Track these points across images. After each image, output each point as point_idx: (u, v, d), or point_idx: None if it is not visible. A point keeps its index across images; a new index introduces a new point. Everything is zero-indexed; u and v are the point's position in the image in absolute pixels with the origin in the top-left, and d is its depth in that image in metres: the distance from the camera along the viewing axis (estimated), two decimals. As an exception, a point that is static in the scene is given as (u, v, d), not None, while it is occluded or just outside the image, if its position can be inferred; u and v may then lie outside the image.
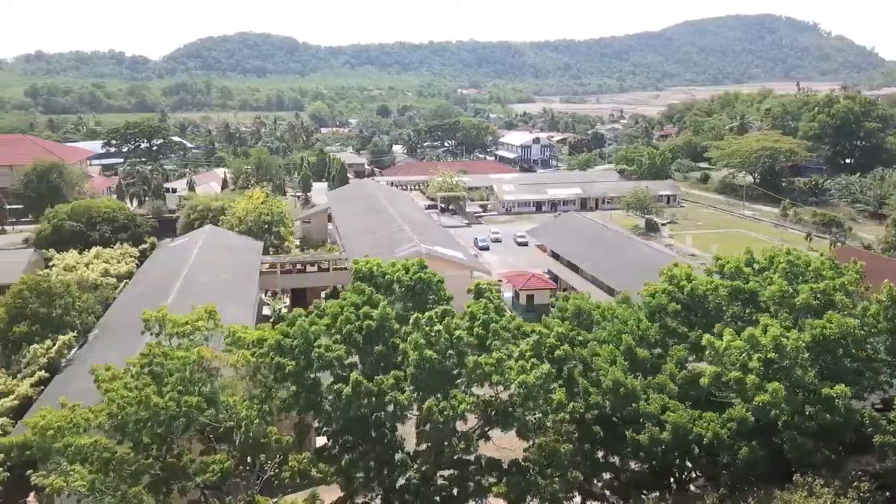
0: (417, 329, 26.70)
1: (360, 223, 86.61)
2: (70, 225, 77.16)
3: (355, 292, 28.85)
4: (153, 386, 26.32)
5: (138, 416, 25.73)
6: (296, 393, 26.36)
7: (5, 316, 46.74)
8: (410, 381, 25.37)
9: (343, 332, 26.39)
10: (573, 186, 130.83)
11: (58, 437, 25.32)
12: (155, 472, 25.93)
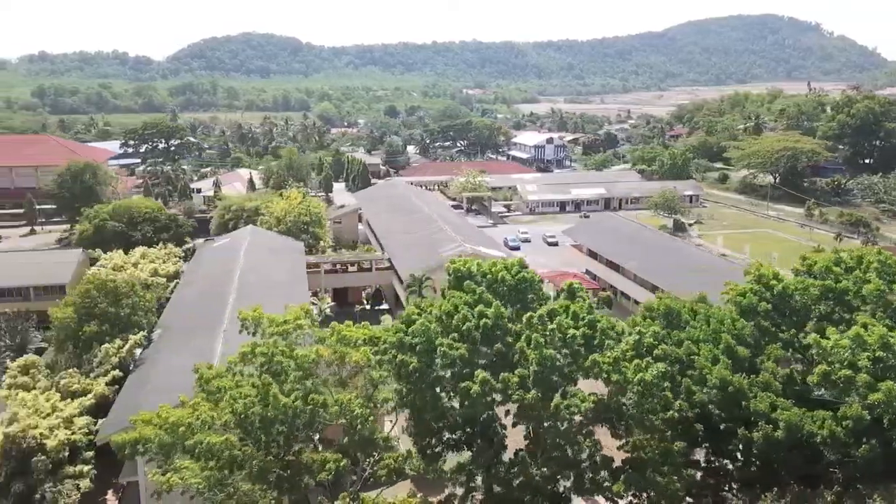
0: (530, 328, 27.03)
1: (396, 223, 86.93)
2: (112, 225, 77.50)
3: (466, 291, 29.14)
4: (275, 385, 26.57)
5: (264, 415, 26.02)
6: (411, 390, 26.66)
7: (75, 315, 47.07)
8: (533, 379, 25.70)
9: (461, 330, 26.71)
10: (597, 186, 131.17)
11: (188, 434, 25.60)
12: (278, 471, 26.23)
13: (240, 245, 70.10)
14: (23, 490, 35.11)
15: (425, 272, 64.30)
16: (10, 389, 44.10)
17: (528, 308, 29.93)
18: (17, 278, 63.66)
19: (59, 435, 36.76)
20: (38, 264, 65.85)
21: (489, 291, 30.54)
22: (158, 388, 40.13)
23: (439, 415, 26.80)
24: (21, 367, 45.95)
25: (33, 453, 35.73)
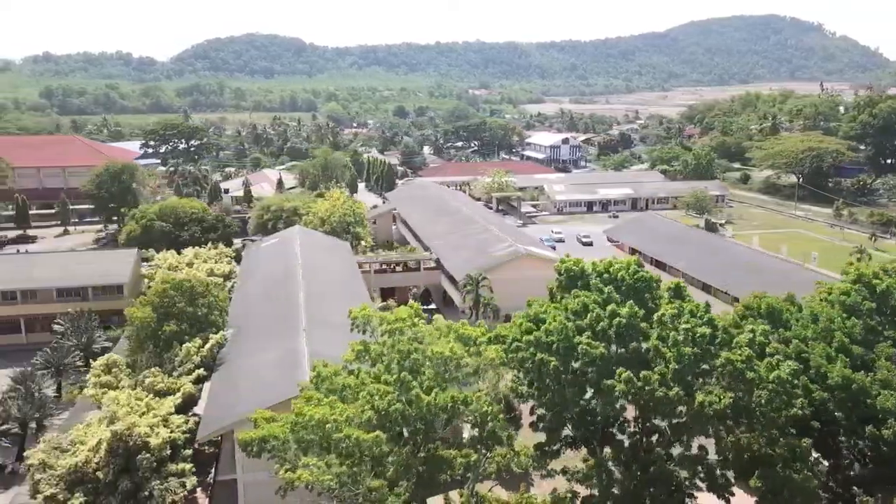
0: (662, 326, 27.39)
1: (438, 224, 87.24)
2: (160, 225, 77.83)
3: (594, 291, 29.49)
4: (414, 382, 26.93)
5: (405, 412, 26.38)
6: (548, 388, 27.02)
7: (154, 315, 47.41)
8: (672, 377, 26.07)
9: (596, 329, 27.10)
10: (623, 187, 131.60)
11: (335, 431, 25.94)
12: (420, 467, 26.59)
13: (293, 245, 70.40)
14: (129, 487, 35.45)
15: (480, 272, 64.67)
16: (97, 388, 44.52)
17: (646, 307, 30.27)
18: (77, 278, 63.96)
19: (162, 433, 37.09)
20: (96, 264, 66.17)
21: (603, 290, 30.87)
22: (253, 387, 40.44)
23: (578, 412, 27.15)
24: (104, 367, 46.31)
25: (138, 451, 36.07)
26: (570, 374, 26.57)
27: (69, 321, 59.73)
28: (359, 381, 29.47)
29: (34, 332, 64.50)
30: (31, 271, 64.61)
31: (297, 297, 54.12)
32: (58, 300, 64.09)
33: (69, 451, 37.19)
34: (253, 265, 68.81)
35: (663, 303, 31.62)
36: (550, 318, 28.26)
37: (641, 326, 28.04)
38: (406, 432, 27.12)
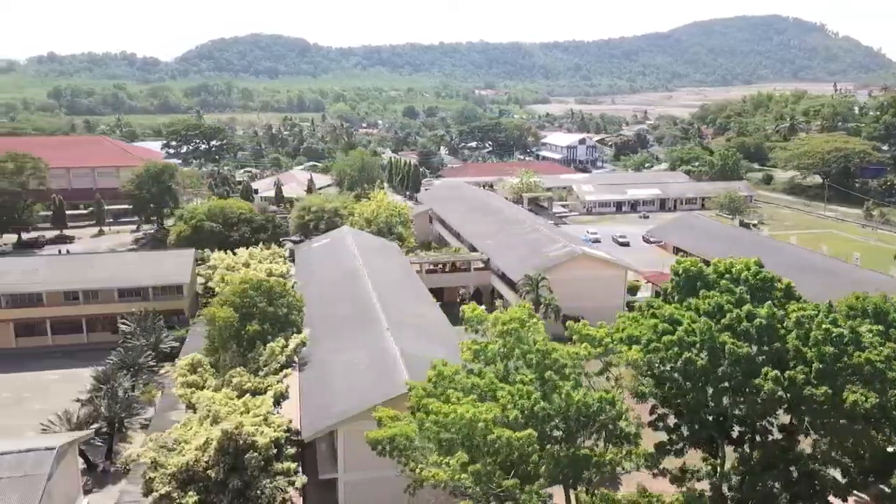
0: (799, 326, 27.68)
1: (481, 224, 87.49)
2: (209, 225, 78.07)
3: (724, 292, 29.76)
4: (561, 382, 27.20)
5: (549, 411, 26.67)
6: (691, 388, 27.30)
7: (236, 315, 47.65)
8: (815, 375, 26.37)
9: (738, 329, 27.38)
10: (652, 187, 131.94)
11: (486, 431, 26.20)
12: (565, 466, 26.88)
13: (348, 245, 70.74)
14: (239, 486, 35.68)
15: (539, 272, 64.95)
16: (186, 388, 44.79)
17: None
18: (139, 279, 64.23)
19: (267, 432, 37.31)
20: (156, 265, 66.40)
21: (725, 290, 31.15)
22: (352, 387, 40.69)
23: (719, 412, 27.45)
24: (189, 366, 46.58)
25: (246, 450, 36.29)
26: (715, 374, 26.81)
27: (135, 321, 60.08)
28: (487, 380, 29.72)
29: (95, 332, 64.80)
30: (92, 272, 64.86)
31: (369, 297, 54.43)
32: (119, 300, 64.38)
33: (175, 450, 37.44)
34: (310, 265, 69.06)
35: (792, 304, 31.68)
36: (687, 318, 28.54)
37: (778, 327, 28.29)
38: (550, 431, 27.34)
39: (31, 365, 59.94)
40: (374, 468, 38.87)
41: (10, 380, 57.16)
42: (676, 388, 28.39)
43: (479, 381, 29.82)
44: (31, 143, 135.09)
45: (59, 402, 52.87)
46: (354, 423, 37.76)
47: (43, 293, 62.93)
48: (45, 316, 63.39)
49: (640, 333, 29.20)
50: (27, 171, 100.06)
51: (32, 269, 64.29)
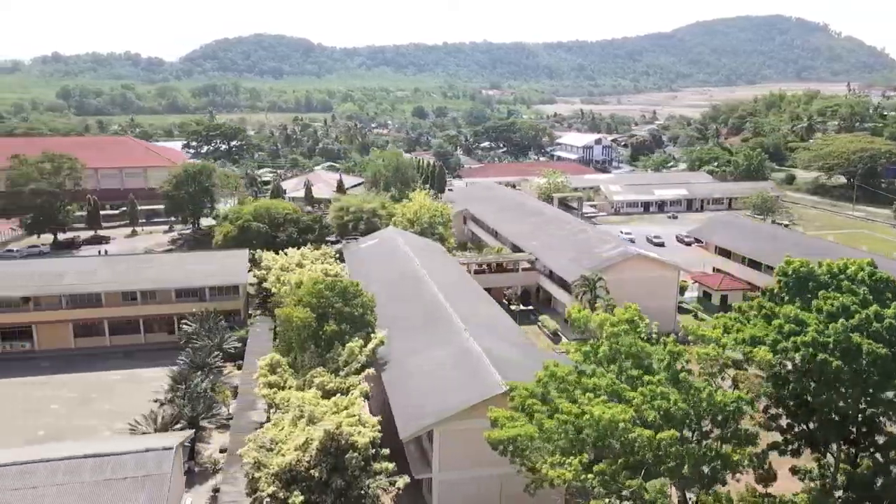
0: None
1: (522, 224, 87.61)
2: (256, 226, 78.24)
3: (847, 293, 29.93)
4: (697, 382, 27.41)
5: (686, 410, 26.86)
6: (821, 389, 27.48)
7: (314, 315, 47.84)
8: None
9: (870, 330, 27.57)
10: (678, 187, 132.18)
11: (627, 431, 26.38)
12: (703, 464, 27.10)
13: (400, 246, 71.02)
14: (341, 486, 35.86)
15: (594, 272, 65.11)
16: (268, 388, 44.97)
17: (886, 307, 30.66)
18: (197, 279, 64.40)
19: (366, 432, 37.47)
20: (212, 265, 66.57)
21: (837, 290, 31.34)
22: (444, 388, 40.80)
23: (844, 412, 27.65)
24: (268, 366, 46.78)
25: (346, 450, 36.48)
26: (850, 376, 26.99)
27: (196, 321, 60.28)
28: (608, 381, 29.92)
29: (152, 333, 64.98)
30: (149, 272, 65.04)
31: (436, 297, 54.65)
32: (177, 301, 64.53)
33: (273, 451, 37.61)
34: (364, 265, 69.17)
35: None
36: (812, 319, 28.73)
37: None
38: (683, 431, 27.54)
39: (93, 365, 60.12)
40: (468, 468, 39.29)
41: (74, 380, 57.33)
42: (801, 389, 28.58)
43: (600, 382, 30.00)
44: (59, 143, 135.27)
45: (127, 402, 53.24)
46: (450, 423, 37.98)
47: (102, 294, 63.07)
48: (104, 316, 63.54)
49: (762, 334, 29.34)
50: (64, 172, 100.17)
51: (91, 269, 64.47)
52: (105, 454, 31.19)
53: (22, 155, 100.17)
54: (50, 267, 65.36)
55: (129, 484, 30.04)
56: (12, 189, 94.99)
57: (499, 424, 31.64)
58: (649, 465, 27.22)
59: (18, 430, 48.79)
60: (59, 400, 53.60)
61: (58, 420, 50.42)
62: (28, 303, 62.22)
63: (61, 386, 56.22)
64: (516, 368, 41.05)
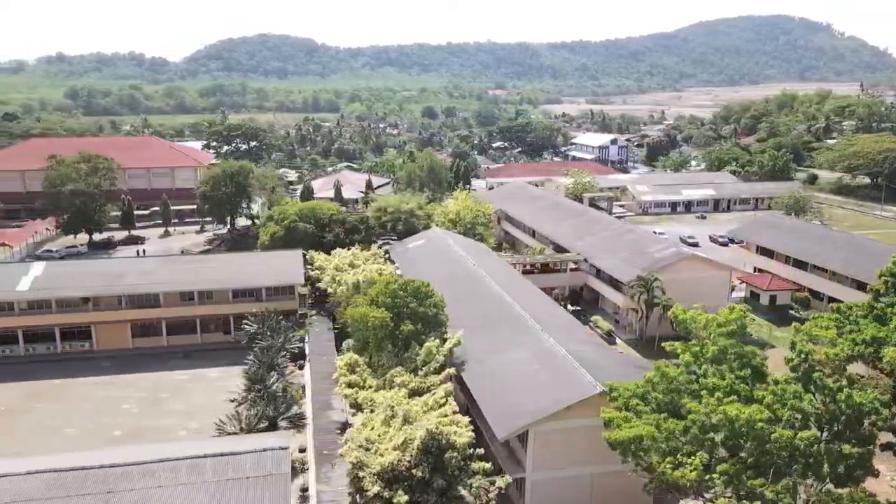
0: None
1: (563, 225, 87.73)
2: (303, 226, 78.35)
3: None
4: (829, 384, 27.59)
5: (817, 412, 27.05)
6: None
7: (389, 315, 47.99)
8: None
9: None
10: (705, 188, 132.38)
11: (766, 431, 26.54)
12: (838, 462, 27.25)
13: (451, 246, 71.29)
14: (442, 485, 36.01)
15: (649, 272, 65.27)
16: (350, 388, 45.17)
17: None
18: (254, 280, 64.58)
19: (462, 431, 37.61)
20: (267, 266, 66.69)
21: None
22: (535, 388, 40.94)
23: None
24: (347, 366, 46.98)
25: (445, 450, 36.63)
26: None
27: (258, 321, 60.45)
28: (727, 381, 30.08)
29: (208, 333, 65.17)
30: (206, 273, 65.21)
31: (501, 297, 54.99)
32: (233, 301, 64.71)
33: (370, 450, 37.76)
34: (415, 265, 69.26)
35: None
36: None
37: None
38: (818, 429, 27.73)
39: (155, 365, 60.32)
40: (560, 467, 39.48)
41: (139, 380, 57.50)
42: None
43: (719, 383, 30.17)
44: (89, 144, 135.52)
45: (197, 401, 53.51)
46: (546, 423, 38.14)
47: (160, 294, 63.24)
48: (162, 317, 63.72)
49: (882, 334, 29.52)
50: (101, 172, 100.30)
51: (150, 270, 64.61)
52: (225, 454, 31.37)
53: (59, 155, 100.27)
54: (110, 267, 65.57)
55: (251, 483, 30.20)
56: (51, 189, 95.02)
57: (613, 425, 31.83)
58: (779, 464, 27.33)
59: (96, 431, 49.01)
60: (130, 400, 53.76)
61: (132, 420, 50.60)
62: (88, 303, 62.38)
63: (127, 386, 56.38)
64: (601, 369, 41.20)
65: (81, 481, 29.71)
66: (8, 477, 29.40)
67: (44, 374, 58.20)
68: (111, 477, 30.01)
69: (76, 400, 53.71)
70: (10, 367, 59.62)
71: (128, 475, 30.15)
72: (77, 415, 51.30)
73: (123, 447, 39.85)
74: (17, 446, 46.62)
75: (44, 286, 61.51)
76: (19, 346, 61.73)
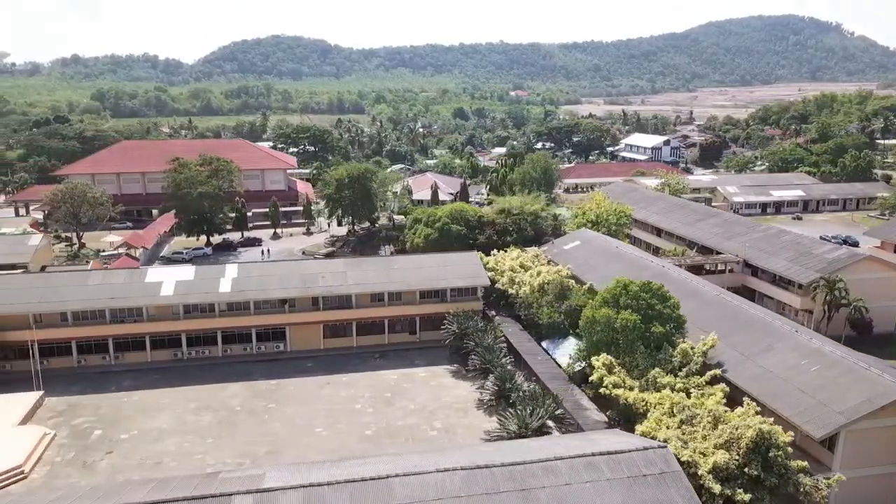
0: None
1: (702, 226, 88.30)
2: (457, 229, 79.05)
3: None
4: None
5: None
6: None
7: (637, 316, 48.68)
8: None
9: None
10: (794, 188, 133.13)
11: None
12: None
13: (617, 247, 72.20)
14: (774, 484, 36.69)
15: (829, 273, 65.94)
16: (614, 388, 45.84)
17: None
18: (443, 281, 65.25)
19: (778, 430, 38.18)
20: (450, 267, 67.24)
21: None
22: (824, 385, 41.59)
23: None
24: (605, 366, 47.68)
25: (769, 448, 37.30)
26: None
27: (458, 321, 61.16)
28: None
29: (394, 333, 65.85)
30: (394, 274, 65.86)
31: (721, 298, 55.62)
32: (420, 302, 65.42)
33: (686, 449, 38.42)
34: (588, 266, 69.75)
35: None
36: None
37: None
38: None
39: (358, 365, 60.96)
40: (866, 466, 40.12)
41: (355, 380, 57.96)
42: None
43: None
44: (179, 146, 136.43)
45: (423, 400, 54.23)
46: (858, 423, 38.81)
47: (353, 295, 63.91)
48: (352, 318, 64.40)
49: None
50: (222, 175, 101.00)
51: (341, 271, 65.25)
52: (613, 452, 32.01)
53: (182, 158, 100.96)
54: (298, 269, 66.06)
55: (652, 481, 30.83)
56: (179, 192, 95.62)
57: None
58: None
59: (347, 430, 49.54)
60: (359, 399, 54.33)
61: (374, 419, 51.11)
62: (284, 305, 63.03)
63: (345, 386, 56.94)
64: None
65: (491, 479, 30.34)
66: (428, 474, 30.02)
67: (257, 375, 58.88)
68: (516, 474, 30.63)
69: (306, 400, 54.26)
70: (211, 368, 60.22)
71: (531, 473, 30.75)
72: (316, 414, 51.86)
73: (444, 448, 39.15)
74: (280, 446, 47.34)
75: (242, 288, 62.17)
76: (217, 346, 62.32)
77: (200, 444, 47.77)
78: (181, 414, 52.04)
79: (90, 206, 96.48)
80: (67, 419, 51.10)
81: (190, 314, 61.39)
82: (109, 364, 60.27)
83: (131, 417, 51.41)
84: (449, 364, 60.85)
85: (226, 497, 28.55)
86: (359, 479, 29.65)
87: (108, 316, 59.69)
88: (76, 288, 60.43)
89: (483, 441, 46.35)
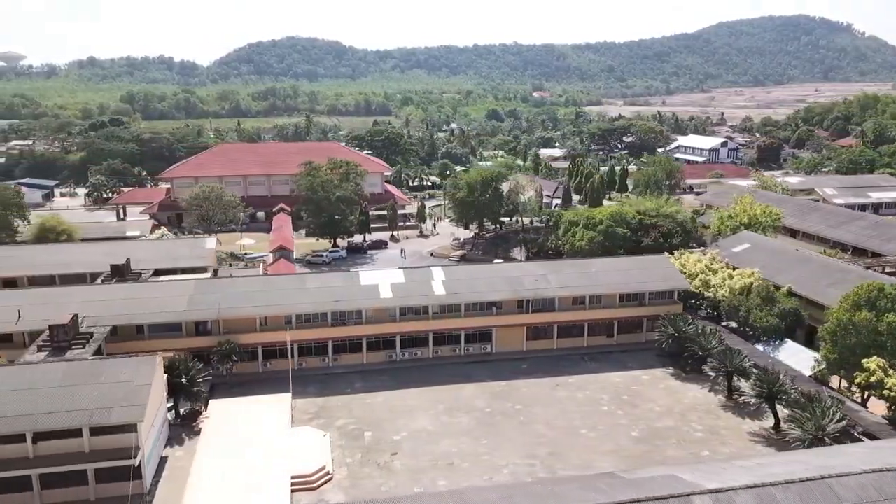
0: None
1: (851, 227, 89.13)
2: (623, 231, 79.59)
3: None
4: None
5: None
6: None
7: None
8: None
9: None
10: (891, 190, 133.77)
11: None
12: None
13: (793, 250, 72.69)
14: None
15: None
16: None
17: None
18: (643, 284, 65.93)
19: None
20: (645, 271, 67.68)
21: None
22: None
23: None
24: (881, 368, 48.20)
25: None
26: None
27: (668, 323, 61.71)
28: None
29: (592, 336, 66.36)
30: (593, 277, 66.39)
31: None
32: (619, 305, 66.02)
33: None
34: (772, 268, 70.33)
35: None
36: None
37: None
38: None
39: (576, 368, 61.32)
40: None
41: (582, 382, 58.21)
42: None
43: None
44: (274, 149, 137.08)
45: (666, 403, 54.66)
46: None
47: (556, 298, 64.48)
48: (555, 321, 64.97)
49: None
50: (352, 178, 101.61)
51: (542, 274, 65.78)
52: None
53: (313, 161, 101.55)
54: (501, 272, 66.64)
55: None
56: (315, 195, 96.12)
57: None
58: None
59: (611, 432, 49.98)
60: (601, 402, 54.85)
61: (630, 420, 51.58)
62: (492, 307, 63.59)
63: (575, 387, 57.39)
64: None
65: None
66: (859, 475, 30.55)
67: (479, 376, 59.36)
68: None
69: (547, 401, 54.64)
70: (427, 370, 60.45)
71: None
72: (569, 416, 52.32)
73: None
74: (557, 447, 47.79)
75: (454, 291, 62.72)
76: (428, 348, 62.86)
77: (477, 444, 48.18)
78: (435, 415, 52.49)
79: (224, 208, 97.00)
80: (328, 421, 51.49)
81: (405, 316, 61.90)
82: (328, 366, 60.75)
83: (389, 419, 51.83)
84: (662, 366, 61.44)
85: (684, 497, 29.08)
86: (799, 480, 30.17)
87: (330, 318, 60.19)
88: (297, 292, 60.93)
89: (757, 444, 47.04)
